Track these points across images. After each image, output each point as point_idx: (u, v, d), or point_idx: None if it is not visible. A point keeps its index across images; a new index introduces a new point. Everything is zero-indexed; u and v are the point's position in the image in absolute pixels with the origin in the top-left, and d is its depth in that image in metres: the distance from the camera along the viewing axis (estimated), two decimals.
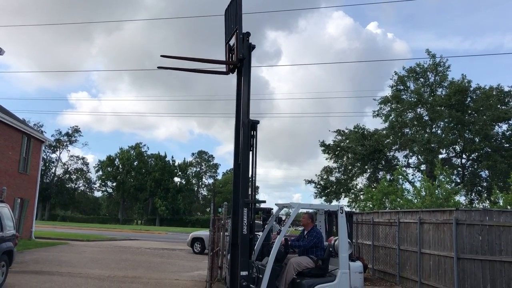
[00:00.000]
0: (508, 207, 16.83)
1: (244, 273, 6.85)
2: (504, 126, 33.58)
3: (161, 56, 8.73)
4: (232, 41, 7.53)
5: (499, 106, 32.45)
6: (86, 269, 13.66)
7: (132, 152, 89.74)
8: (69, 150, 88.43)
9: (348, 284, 7.32)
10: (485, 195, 30.10)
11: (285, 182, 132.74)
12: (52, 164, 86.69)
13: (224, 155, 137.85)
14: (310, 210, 9.52)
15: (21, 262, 14.01)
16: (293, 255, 7.80)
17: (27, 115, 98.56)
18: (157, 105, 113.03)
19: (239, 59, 7.20)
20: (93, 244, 24.96)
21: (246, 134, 7.26)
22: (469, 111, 33.30)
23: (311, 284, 7.20)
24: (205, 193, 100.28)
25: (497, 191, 19.86)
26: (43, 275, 11.91)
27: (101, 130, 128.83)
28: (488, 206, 20.89)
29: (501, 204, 18.70)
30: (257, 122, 7.66)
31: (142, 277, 12.65)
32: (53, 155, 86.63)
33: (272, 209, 9.47)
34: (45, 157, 78.04)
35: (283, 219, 9.35)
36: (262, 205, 12.29)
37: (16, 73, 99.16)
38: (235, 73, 7.59)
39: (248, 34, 7.36)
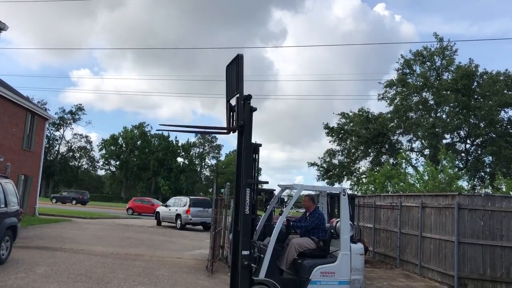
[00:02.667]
0: (511, 192, 16.82)
1: (245, 252, 6.88)
2: (510, 112, 33.41)
3: (160, 125, 8.85)
4: (233, 101, 7.46)
5: (505, 91, 32.21)
6: (89, 246, 13.80)
7: (136, 131, 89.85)
8: (72, 128, 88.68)
9: (349, 265, 7.35)
10: (488, 181, 30.07)
11: (288, 164, 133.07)
12: (56, 142, 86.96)
13: (227, 137, 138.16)
14: (312, 192, 9.52)
15: (25, 238, 14.15)
16: (294, 236, 7.83)
17: (30, 92, 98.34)
18: (160, 84, 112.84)
19: (239, 125, 7.10)
20: (96, 221, 25.19)
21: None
22: (475, 96, 33.07)
23: (312, 264, 7.24)
24: (208, 174, 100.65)
25: (501, 177, 19.82)
26: (46, 251, 12.04)
27: (104, 108, 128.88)
28: (491, 192, 20.87)
29: (504, 190, 18.68)
30: (259, 145, 7.59)
31: (145, 255, 12.77)
32: (57, 133, 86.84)
33: (275, 190, 9.45)
34: (48, 134, 78.22)
35: (285, 200, 9.34)
36: (265, 186, 12.30)
37: (19, 50, 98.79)
38: (236, 132, 7.38)
39: (249, 97, 7.23)
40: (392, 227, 14.84)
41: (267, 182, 8.22)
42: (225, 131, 7.48)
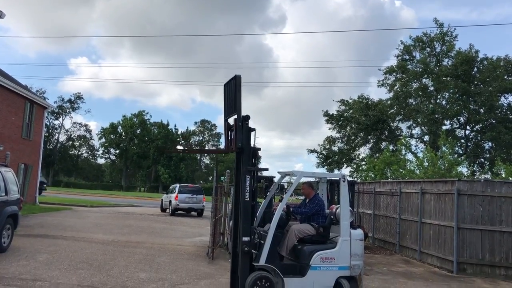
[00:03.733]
0: (510, 178, 16.85)
1: (246, 238, 6.91)
2: (510, 98, 33.37)
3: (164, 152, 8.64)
4: (231, 121, 7.44)
5: (506, 77, 32.09)
6: (89, 233, 13.86)
7: (135, 119, 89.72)
8: (71, 117, 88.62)
9: (349, 251, 7.38)
10: (488, 166, 30.12)
11: (287, 152, 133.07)
12: (55, 131, 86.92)
13: None
14: (311, 179, 9.52)
15: (26, 226, 14.21)
16: (294, 222, 7.86)
17: (29, 81, 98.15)
18: (159, 72, 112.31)
19: (238, 147, 7.09)
20: (96, 209, 25.27)
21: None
22: (475, 82, 32.95)
23: (312, 250, 7.27)
24: (208, 162, 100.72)
25: (500, 163, 19.84)
26: (47, 239, 12.09)
27: (102, 97, 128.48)
28: (490, 178, 20.91)
29: (503, 175, 18.71)
30: (258, 149, 7.59)
31: (145, 242, 12.83)
32: (56, 122, 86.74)
33: (275, 177, 9.46)
34: (48, 123, 78.14)
35: (285, 187, 9.37)
36: (265, 173, 12.32)
37: (16, 38, 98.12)
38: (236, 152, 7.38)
39: (247, 118, 7.22)
40: (392, 213, 14.90)
41: (267, 169, 8.24)
42: (224, 152, 7.52)
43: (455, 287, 9.37)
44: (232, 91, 7.25)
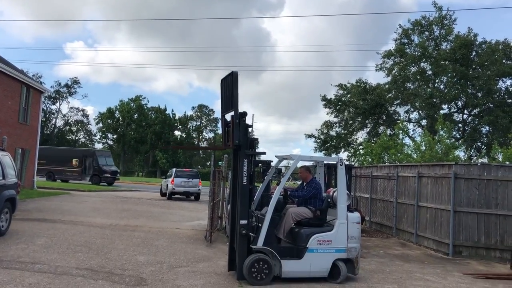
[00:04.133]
0: (507, 162, 16.91)
1: (243, 221, 6.96)
2: (508, 81, 33.34)
3: (160, 148, 8.65)
4: (228, 117, 7.45)
5: (504, 61, 32.00)
6: (88, 217, 13.91)
7: (132, 104, 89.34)
8: (68, 102, 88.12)
9: (346, 233, 7.44)
10: (485, 151, 30.21)
11: (285, 137, 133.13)
12: (52, 116, 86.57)
13: None
14: (308, 163, 9.54)
15: (24, 210, 14.25)
16: (291, 206, 7.90)
17: (25, 65, 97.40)
18: (155, 56, 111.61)
19: (235, 144, 7.10)
20: (94, 194, 25.32)
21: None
22: (474, 66, 32.87)
23: (309, 233, 7.32)
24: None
25: (497, 147, 19.89)
26: (46, 223, 12.14)
27: (99, 81, 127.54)
28: (487, 162, 20.99)
29: (500, 159, 18.78)
30: (256, 139, 7.61)
31: (144, 226, 12.89)
32: (53, 107, 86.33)
33: (272, 161, 9.50)
34: (45, 108, 77.82)
35: (283, 171, 9.40)
36: (262, 157, 12.36)
37: (11, 22, 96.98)
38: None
39: (244, 114, 7.21)
40: (389, 197, 14.98)
41: (264, 153, 8.28)
42: (221, 149, 7.52)
43: (451, 269, 9.46)
44: (229, 87, 7.25)
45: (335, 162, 8.01)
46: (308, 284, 7.15)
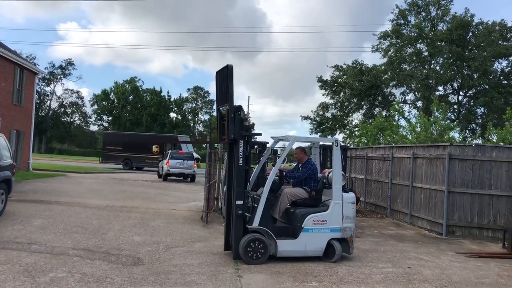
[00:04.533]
0: (501, 143, 17.00)
1: (239, 202, 7.01)
2: (504, 63, 33.31)
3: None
4: (224, 110, 7.43)
5: (500, 42, 31.93)
6: (84, 199, 13.94)
7: (127, 86, 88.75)
8: (63, 84, 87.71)
9: (341, 213, 7.50)
10: (479, 132, 30.35)
11: (281, 119, 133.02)
12: (47, 98, 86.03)
13: None
14: (304, 144, 9.57)
15: (20, 192, 14.25)
16: (287, 186, 7.94)
17: (18, 47, 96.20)
18: (150, 37, 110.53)
19: (230, 139, 7.09)
20: (90, 176, 25.34)
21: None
22: (470, 47, 32.81)
23: (305, 213, 7.38)
24: (201, 129, 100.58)
25: (492, 128, 19.97)
26: (42, 204, 12.15)
27: (93, 63, 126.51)
28: (481, 143, 21.08)
29: (494, 140, 18.87)
30: (251, 127, 7.58)
31: (140, 207, 12.94)
32: (47, 88, 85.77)
33: (268, 142, 9.50)
34: (39, 90, 77.24)
35: (278, 152, 9.44)
36: (258, 139, 12.37)
37: (3, 1, 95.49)
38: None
39: (239, 108, 7.21)
40: (384, 178, 15.07)
41: (260, 134, 8.28)
42: (216, 143, 7.54)
43: (444, 248, 9.59)
44: (224, 81, 7.21)
45: (331, 143, 8.03)
46: (303, 263, 7.23)
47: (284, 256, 7.22)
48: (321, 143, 12.53)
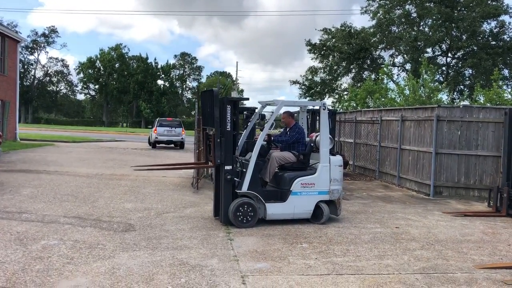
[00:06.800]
0: (488, 104, 17.13)
1: (228, 167, 7.03)
2: (493, 23, 33.12)
3: (134, 169, 8.53)
4: (210, 131, 7.34)
5: (489, 2, 31.67)
6: (73, 168, 13.88)
7: (113, 53, 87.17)
8: (47, 52, 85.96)
9: (328, 176, 7.59)
10: (467, 93, 30.51)
11: (270, 85, 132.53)
12: (31, 67, 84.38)
13: (206, 57, 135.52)
14: (291, 109, 9.53)
15: (8, 162, 14.15)
16: (275, 151, 7.95)
17: None
18: (134, 2, 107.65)
19: (217, 164, 7.05)
20: (79, 145, 25.19)
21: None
22: (459, 8, 32.52)
23: (293, 176, 7.45)
24: (190, 97, 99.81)
25: (479, 89, 20.06)
26: (31, 174, 12.09)
27: (76, 30, 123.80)
28: (469, 104, 21.23)
29: (482, 101, 19.00)
30: (245, 99, 7.58)
31: (130, 175, 12.93)
32: (31, 57, 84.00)
33: (257, 108, 9.44)
34: (22, 59, 75.62)
35: (266, 117, 9.41)
36: (247, 104, 12.32)
37: None
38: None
39: (226, 133, 7.08)
40: (372, 141, 15.18)
41: (247, 99, 8.24)
42: (203, 167, 7.53)
43: (431, 209, 9.78)
44: (209, 105, 7.16)
45: (318, 107, 8.01)
46: (293, 225, 7.34)
47: (273, 219, 7.32)
48: (309, 107, 12.50)
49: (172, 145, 25.60)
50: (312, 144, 7.95)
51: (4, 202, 8.22)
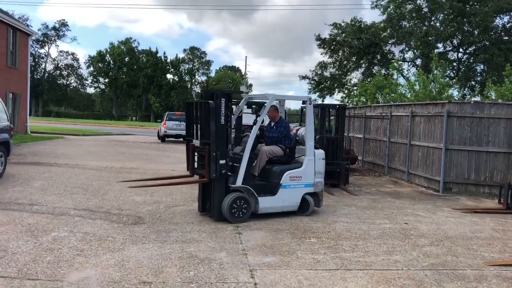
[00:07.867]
0: (500, 100, 16.94)
1: (222, 161, 6.96)
2: (506, 18, 32.66)
3: (129, 187, 8.45)
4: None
5: None
6: (83, 161, 13.98)
7: (123, 47, 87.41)
8: (57, 45, 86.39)
9: (313, 169, 7.81)
10: (478, 89, 30.17)
11: (279, 79, 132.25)
12: (42, 60, 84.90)
13: (215, 51, 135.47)
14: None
15: (19, 155, 14.28)
16: (263, 145, 7.92)
17: (9, 8, 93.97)
18: None
19: (211, 179, 6.92)
20: (89, 138, 25.35)
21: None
22: (471, 2, 32.10)
23: (281, 170, 7.59)
24: (199, 91, 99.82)
25: (491, 85, 19.82)
26: (41, 166, 12.20)
27: (86, 24, 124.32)
28: (480, 100, 21.01)
29: (493, 97, 18.78)
30: (241, 92, 7.47)
31: (139, 168, 13.00)
32: (42, 51, 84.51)
33: (265, 102, 9.41)
34: (33, 52, 76.08)
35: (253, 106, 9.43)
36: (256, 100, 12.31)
37: None
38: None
39: (222, 150, 6.98)
40: (382, 137, 15.11)
41: (242, 92, 8.24)
42: (196, 182, 7.48)
43: (441, 205, 9.72)
44: (204, 117, 7.01)
45: (306, 99, 8.03)
46: (301, 220, 7.35)
47: (264, 212, 7.37)
48: (319, 101, 12.47)
49: (181, 139, 25.66)
50: (297, 138, 8.16)
51: (15, 194, 8.31)
